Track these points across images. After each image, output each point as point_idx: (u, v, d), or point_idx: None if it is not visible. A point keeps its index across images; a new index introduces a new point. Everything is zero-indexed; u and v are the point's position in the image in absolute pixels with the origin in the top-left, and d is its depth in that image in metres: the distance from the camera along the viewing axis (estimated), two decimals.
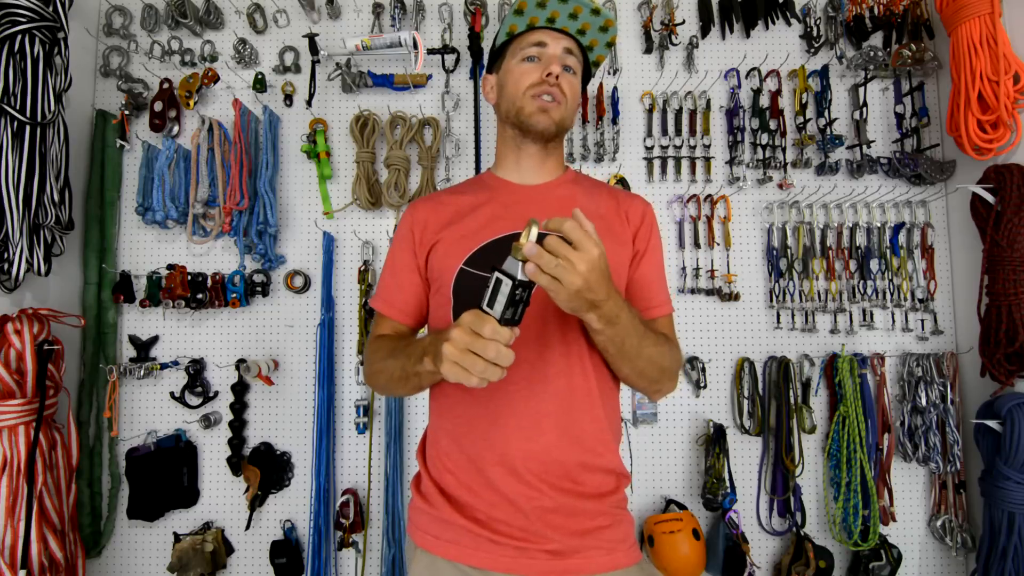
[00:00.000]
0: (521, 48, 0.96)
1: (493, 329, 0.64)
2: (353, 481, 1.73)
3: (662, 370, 0.87)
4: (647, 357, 0.83)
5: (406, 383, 0.88)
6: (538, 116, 0.93)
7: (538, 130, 0.94)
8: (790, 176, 1.76)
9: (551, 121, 0.94)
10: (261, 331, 1.75)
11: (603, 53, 1.01)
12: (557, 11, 0.93)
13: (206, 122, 1.67)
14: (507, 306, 0.63)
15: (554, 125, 0.94)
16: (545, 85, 0.92)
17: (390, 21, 1.80)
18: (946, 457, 1.61)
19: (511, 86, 0.96)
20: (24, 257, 1.41)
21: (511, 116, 0.97)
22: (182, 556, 1.60)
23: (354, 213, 1.78)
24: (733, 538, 1.59)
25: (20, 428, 1.38)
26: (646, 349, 0.82)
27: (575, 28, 0.96)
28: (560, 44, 0.95)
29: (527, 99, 0.94)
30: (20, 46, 1.39)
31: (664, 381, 0.90)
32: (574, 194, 0.99)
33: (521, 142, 0.98)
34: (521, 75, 0.95)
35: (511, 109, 0.97)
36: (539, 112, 0.93)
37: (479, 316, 0.65)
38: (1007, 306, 1.46)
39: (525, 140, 0.97)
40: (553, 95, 0.93)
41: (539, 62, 0.95)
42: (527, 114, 0.94)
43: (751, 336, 1.75)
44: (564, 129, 0.98)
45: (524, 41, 0.96)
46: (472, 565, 0.85)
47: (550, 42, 0.95)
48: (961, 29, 1.52)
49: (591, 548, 0.85)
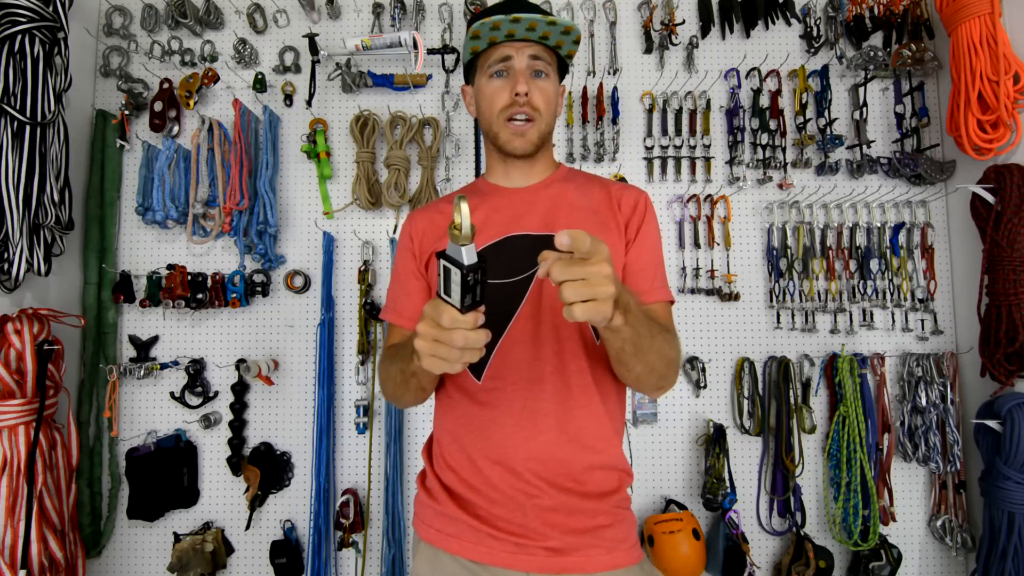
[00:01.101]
0: (488, 64, 0.95)
1: (451, 318, 0.62)
2: (353, 481, 1.73)
3: (669, 362, 0.84)
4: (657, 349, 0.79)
5: (407, 385, 0.88)
6: (515, 142, 0.94)
7: (517, 155, 0.95)
8: (790, 176, 1.76)
9: (527, 143, 0.94)
10: (261, 331, 1.75)
11: (572, 49, 0.98)
12: (513, 29, 0.91)
13: (206, 122, 1.67)
14: (463, 293, 0.61)
15: (532, 145, 0.95)
16: (515, 107, 0.92)
17: (390, 21, 1.80)
18: (946, 457, 1.61)
19: (485, 107, 0.96)
20: (24, 257, 1.41)
21: (489, 138, 0.98)
22: (182, 556, 1.60)
23: (354, 213, 1.79)
24: (733, 538, 1.59)
25: (20, 428, 1.38)
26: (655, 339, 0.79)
27: (536, 37, 0.93)
28: (524, 54, 0.93)
29: (501, 124, 0.94)
30: (20, 46, 1.39)
31: (670, 375, 0.87)
32: (565, 191, 0.99)
33: (505, 158, 0.99)
34: (492, 95, 0.94)
35: (488, 132, 0.97)
36: (515, 138, 0.93)
37: (437, 306, 0.63)
38: (1007, 306, 1.46)
39: (508, 158, 0.98)
40: (526, 114, 0.92)
41: (507, 77, 0.93)
42: (503, 141, 0.95)
43: (751, 336, 1.75)
44: (544, 139, 0.97)
45: (490, 57, 0.94)
46: (473, 559, 0.86)
47: (514, 54, 0.93)
48: (961, 29, 1.52)
49: (591, 547, 0.85)
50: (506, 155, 0.97)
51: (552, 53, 0.96)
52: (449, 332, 0.62)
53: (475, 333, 0.63)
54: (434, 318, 0.63)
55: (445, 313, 0.62)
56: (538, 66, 0.94)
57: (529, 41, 0.93)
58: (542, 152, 1.00)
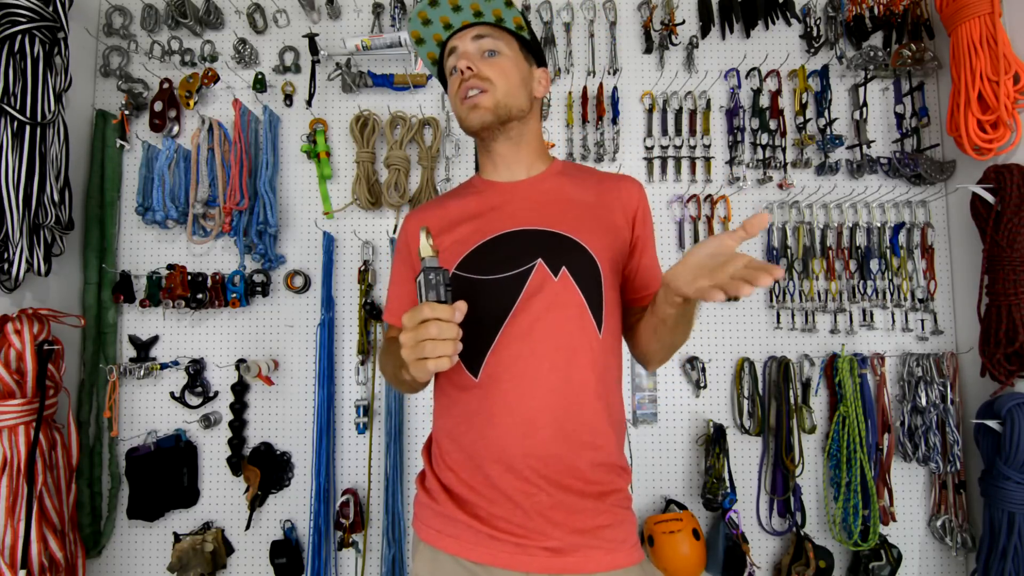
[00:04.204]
0: (447, 68, 0.97)
1: (431, 307, 0.69)
2: (353, 481, 1.73)
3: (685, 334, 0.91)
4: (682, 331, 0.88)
5: (402, 384, 0.92)
6: (471, 116, 0.92)
7: (475, 127, 0.93)
8: (790, 176, 1.76)
9: (483, 110, 0.91)
10: (261, 331, 1.75)
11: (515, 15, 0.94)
12: (444, 16, 0.91)
13: (206, 122, 1.67)
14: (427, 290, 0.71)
15: (489, 114, 0.91)
16: (463, 84, 0.91)
17: (390, 21, 1.80)
18: (946, 457, 1.61)
19: (452, 104, 0.97)
20: (24, 257, 1.41)
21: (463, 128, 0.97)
22: (182, 556, 1.60)
23: (354, 213, 1.79)
24: (733, 538, 1.59)
25: (20, 428, 1.38)
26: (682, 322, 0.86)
27: (470, 16, 0.93)
28: (466, 39, 0.93)
29: (459, 106, 0.94)
30: (20, 46, 1.39)
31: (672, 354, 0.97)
32: (561, 185, 0.98)
33: (484, 145, 0.98)
34: (452, 90, 0.95)
35: (459, 122, 0.97)
36: (470, 112, 0.92)
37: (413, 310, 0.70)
38: (1007, 306, 1.46)
39: (484, 142, 0.97)
40: (474, 86, 0.91)
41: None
42: (462, 119, 0.94)
43: (751, 336, 1.75)
44: (510, 113, 0.93)
45: (446, 60, 0.97)
46: (473, 560, 0.85)
47: (458, 43, 0.94)
48: (961, 29, 1.52)
49: (592, 547, 0.85)
50: (477, 136, 0.96)
51: (500, 30, 0.95)
52: (424, 326, 0.68)
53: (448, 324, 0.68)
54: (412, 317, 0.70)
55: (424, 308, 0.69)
56: (485, 44, 0.93)
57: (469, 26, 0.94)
58: (520, 134, 0.97)
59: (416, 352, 0.68)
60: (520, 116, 0.95)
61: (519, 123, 0.96)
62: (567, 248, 0.90)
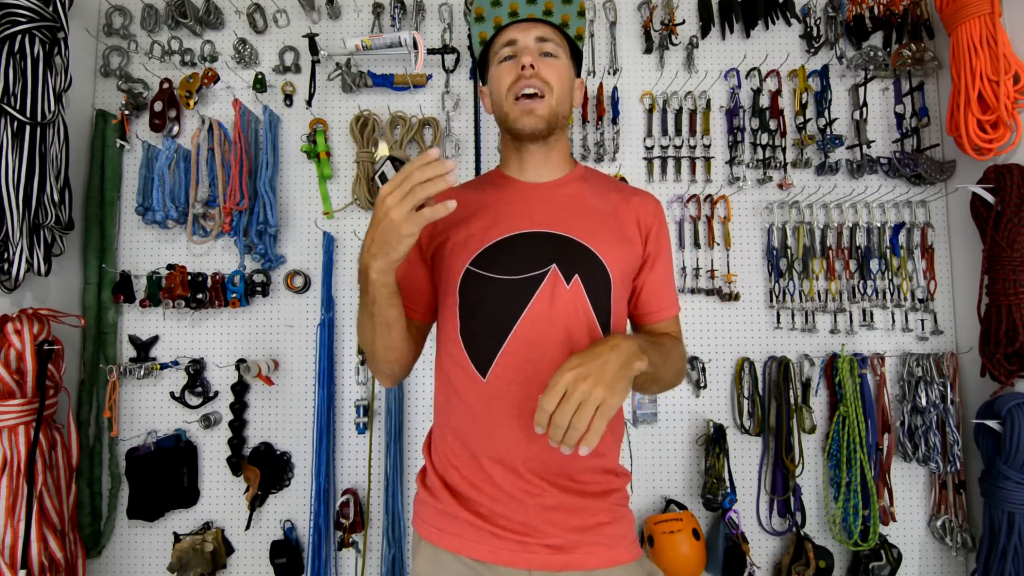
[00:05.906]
0: (496, 52, 0.94)
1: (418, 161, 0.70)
2: (353, 481, 1.73)
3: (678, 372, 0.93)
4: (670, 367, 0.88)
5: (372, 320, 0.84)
6: (524, 120, 0.91)
7: (526, 133, 0.92)
8: (790, 176, 1.76)
9: (538, 119, 0.91)
10: (261, 331, 1.75)
11: (580, 25, 0.95)
12: (515, 3, 0.90)
13: (206, 122, 1.67)
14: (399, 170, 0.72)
15: (543, 122, 0.91)
16: (522, 80, 0.90)
17: (390, 21, 1.80)
18: (946, 457, 1.61)
19: (495, 92, 0.95)
20: (24, 257, 1.41)
21: (502, 122, 0.96)
22: (182, 556, 1.60)
23: (354, 213, 1.78)
24: (733, 538, 1.59)
25: (20, 428, 1.38)
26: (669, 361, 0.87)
27: (540, 11, 0.92)
28: (531, 34, 0.92)
29: (510, 104, 0.92)
30: (20, 46, 1.39)
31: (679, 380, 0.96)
32: (582, 191, 0.98)
33: (519, 145, 0.96)
34: (500, 77, 0.93)
35: (500, 115, 0.95)
36: (524, 115, 0.91)
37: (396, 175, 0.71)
38: (1007, 306, 1.46)
39: (521, 143, 0.96)
40: (533, 86, 0.90)
41: (515, 60, 0.92)
42: (512, 120, 0.92)
43: (751, 336, 1.75)
44: (557, 121, 0.94)
45: (497, 44, 0.94)
46: (474, 558, 0.86)
47: (519, 36, 0.92)
48: (961, 29, 1.52)
49: (592, 544, 0.85)
50: (517, 138, 0.94)
51: (561, 35, 0.94)
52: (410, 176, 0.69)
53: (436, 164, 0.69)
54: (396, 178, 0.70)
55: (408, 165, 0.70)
56: (546, 47, 0.92)
57: (534, 21, 0.93)
58: (556, 140, 0.97)
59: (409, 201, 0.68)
60: (564, 124, 0.97)
61: (559, 130, 0.97)
62: (582, 256, 0.90)
